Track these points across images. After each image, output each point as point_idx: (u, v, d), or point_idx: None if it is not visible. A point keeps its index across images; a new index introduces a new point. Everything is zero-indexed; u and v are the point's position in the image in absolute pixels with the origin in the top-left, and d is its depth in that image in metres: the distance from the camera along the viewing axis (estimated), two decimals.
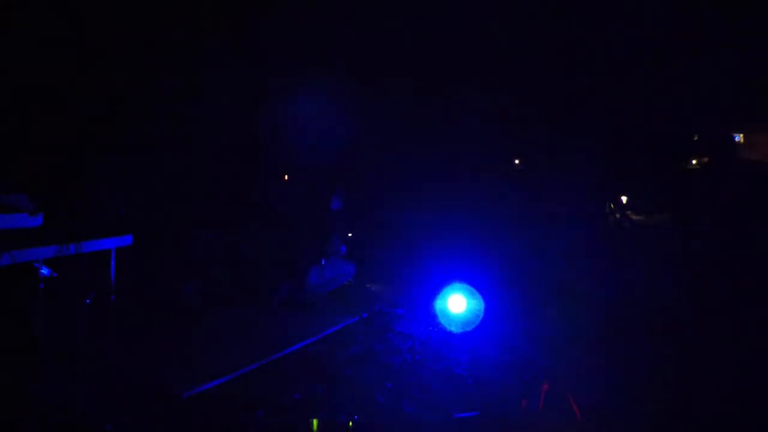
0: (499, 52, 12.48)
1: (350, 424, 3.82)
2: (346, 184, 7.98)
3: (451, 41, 12.05)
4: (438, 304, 6.51)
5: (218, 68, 9.10)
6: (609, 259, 8.48)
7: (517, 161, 17.38)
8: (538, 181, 13.83)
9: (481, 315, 6.19)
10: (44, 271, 4.05)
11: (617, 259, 8.55)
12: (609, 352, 5.11)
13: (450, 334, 5.76)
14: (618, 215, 12.37)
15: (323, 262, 6.81)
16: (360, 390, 4.35)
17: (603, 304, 6.47)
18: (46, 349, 3.95)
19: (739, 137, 16.86)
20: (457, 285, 6.35)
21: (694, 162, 15.96)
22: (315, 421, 3.85)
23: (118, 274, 4.70)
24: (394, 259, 8.53)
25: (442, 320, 6.19)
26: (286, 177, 9.70)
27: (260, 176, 9.14)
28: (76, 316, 4.38)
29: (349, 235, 7.93)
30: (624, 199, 12.98)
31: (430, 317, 6.34)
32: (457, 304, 6.25)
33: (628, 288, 7.12)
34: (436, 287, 6.88)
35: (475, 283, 6.47)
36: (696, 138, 16.59)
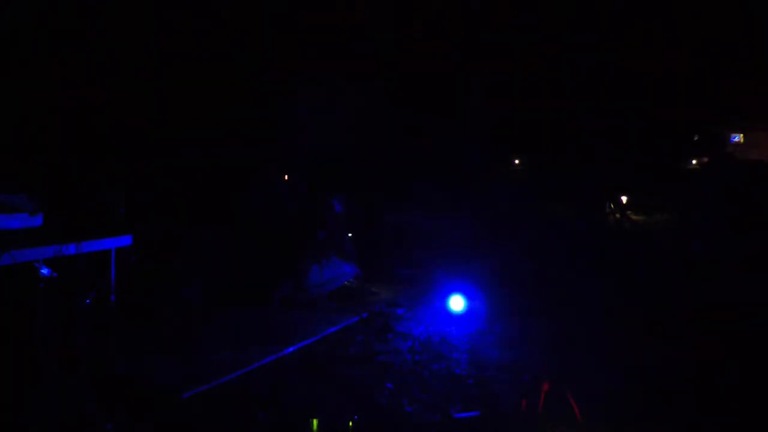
0: (499, 53, 12.48)
1: (350, 424, 3.82)
2: (347, 185, 7.99)
3: (452, 42, 12.05)
4: (438, 305, 6.52)
5: (219, 69, 9.11)
6: (609, 259, 8.48)
7: (517, 161, 17.43)
8: (539, 181, 13.85)
9: (481, 315, 6.19)
10: (44, 271, 4.05)
11: (617, 258, 8.55)
12: (609, 352, 5.11)
13: (450, 334, 5.76)
14: (618, 215, 12.38)
15: (323, 262, 6.81)
16: (360, 390, 4.35)
17: (603, 304, 6.48)
18: (46, 349, 3.95)
19: (739, 137, 16.90)
20: (457, 285, 6.35)
21: (694, 162, 15.99)
22: (315, 421, 3.85)
23: (118, 274, 4.70)
24: (395, 259, 8.52)
25: (443, 321, 6.19)
26: (286, 177, 9.71)
27: (260, 176, 9.15)
28: (76, 316, 4.38)
29: (350, 235, 7.93)
30: (624, 199, 13.00)
31: (430, 317, 6.34)
32: (457, 304, 6.25)
33: (628, 288, 7.12)
34: (436, 288, 6.89)
35: (476, 283, 6.47)
36: (696, 138, 16.63)
